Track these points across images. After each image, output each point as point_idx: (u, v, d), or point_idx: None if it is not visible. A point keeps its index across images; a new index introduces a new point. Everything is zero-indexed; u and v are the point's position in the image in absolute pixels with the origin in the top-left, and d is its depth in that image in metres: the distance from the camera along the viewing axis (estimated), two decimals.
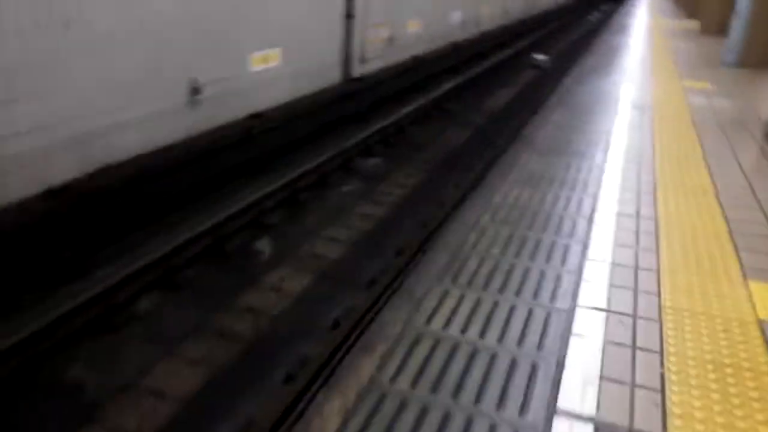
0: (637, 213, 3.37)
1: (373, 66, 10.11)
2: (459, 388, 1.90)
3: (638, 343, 2.18)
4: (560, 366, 2.03)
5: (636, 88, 6.74)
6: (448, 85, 10.16)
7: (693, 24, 14.89)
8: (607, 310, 2.38)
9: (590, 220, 3.23)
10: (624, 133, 4.97)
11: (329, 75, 8.78)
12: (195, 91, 4.78)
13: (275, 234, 4.80)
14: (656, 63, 8.58)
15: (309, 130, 7.39)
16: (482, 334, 2.19)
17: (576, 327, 2.26)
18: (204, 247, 4.27)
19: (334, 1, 8.58)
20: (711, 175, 4.08)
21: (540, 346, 2.14)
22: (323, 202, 5.63)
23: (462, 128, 8.25)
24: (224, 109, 5.63)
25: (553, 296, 2.46)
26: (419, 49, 11.97)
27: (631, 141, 4.77)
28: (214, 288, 3.89)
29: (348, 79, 9.28)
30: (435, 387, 1.90)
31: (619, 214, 3.34)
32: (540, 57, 13.90)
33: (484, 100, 10.04)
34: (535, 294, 2.48)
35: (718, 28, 13.00)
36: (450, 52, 12.99)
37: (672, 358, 2.10)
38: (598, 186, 3.75)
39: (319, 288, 4.08)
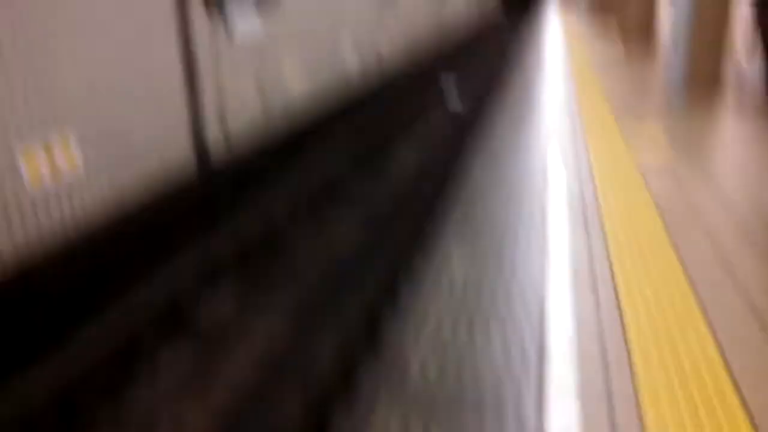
0: None
1: (241, 139, 7.90)
2: None
3: None
4: None
5: (568, 168, 4.85)
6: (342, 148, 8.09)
7: (608, 23, 13.44)
8: None
9: None
10: (566, 322, 2.86)
11: (170, 168, 6.54)
12: None
13: None
14: (585, 102, 6.78)
15: (123, 259, 5.10)
16: None
17: None
18: None
19: (163, 65, 6.32)
20: None
21: None
22: (113, 405, 3.45)
23: (354, 223, 6.18)
24: None
25: None
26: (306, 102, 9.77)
27: (581, 344, 2.66)
28: None
29: (203, 168, 7.03)
30: None
31: None
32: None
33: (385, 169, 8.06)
34: None
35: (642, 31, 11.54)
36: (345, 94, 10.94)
37: None
38: None
39: None
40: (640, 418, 2.03)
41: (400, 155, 8.37)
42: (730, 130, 5.84)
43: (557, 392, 2.20)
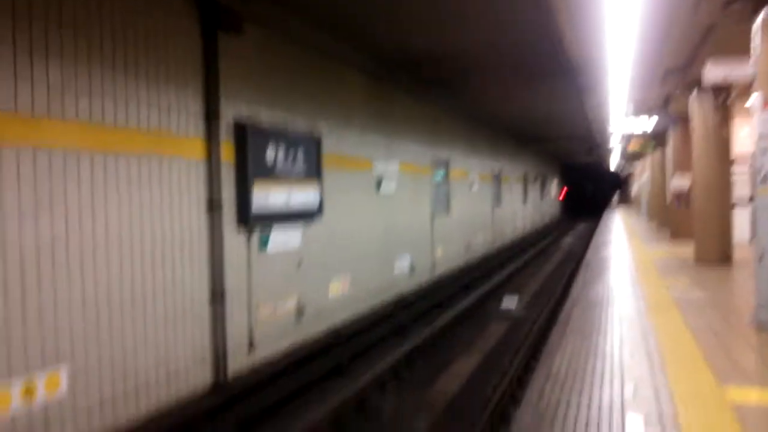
0: None
1: (269, 352, 7.30)
2: None
3: None
4: None
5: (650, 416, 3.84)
6: (380, 367, 7.23)
7: (683, 250, 12.68)
8: None
9: None
10: None
11: (185, 382, 5.90)
12: None
13: None
14: (662, 335, 5.81)
15: None
16: None
17: None
18: None
19: (183, 283, 6.01)
20: None
21: None
22: None
23: None
24: None
25: None
26: (349, 313, 9.28)
27: None
28: None
29: (221, 382, 6.37)
30: None
31: None
32: (510, 303, 11.31)
33: (432, 382, 7.06)
34: None
35: (719, 254, 10.68)
36: (394, 310, 10.39)
37: None
38: None
39: None
40: None
41: (442, 379, 7.40)
42: None
43: None
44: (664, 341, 5.39)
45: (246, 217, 6.61)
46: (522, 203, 26.55)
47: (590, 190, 48.56)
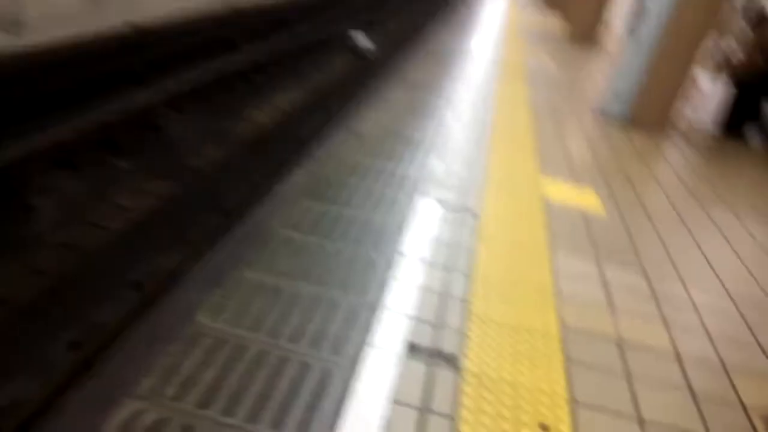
0: None
1: (48, 36, 5.64)
2: None
3: None
4: None
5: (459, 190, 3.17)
6: (188, 83, 6.01)
7: (560, 25, 11.95)
8: None
9: None
10: None
11: None
12: None
13: None
14: (500, 106, 5.12)
15: None
16: None
17: None
18: None
19: None
20: None
21: None
22: None
23: (149, 187, 4.22)
24: None
25: None
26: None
27: None
28: None
29: None
30: None
31: None
32: (362, 40, 10.16)
33: (247, 113, 6.05)
34: None
35: (588, 33, 10.09)
36: (232, 20, 8.77)
37: None
38: None
39: None
40: None
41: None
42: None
43: None
44: (499, 114, 4.71)
45: None
46: None
47: None
